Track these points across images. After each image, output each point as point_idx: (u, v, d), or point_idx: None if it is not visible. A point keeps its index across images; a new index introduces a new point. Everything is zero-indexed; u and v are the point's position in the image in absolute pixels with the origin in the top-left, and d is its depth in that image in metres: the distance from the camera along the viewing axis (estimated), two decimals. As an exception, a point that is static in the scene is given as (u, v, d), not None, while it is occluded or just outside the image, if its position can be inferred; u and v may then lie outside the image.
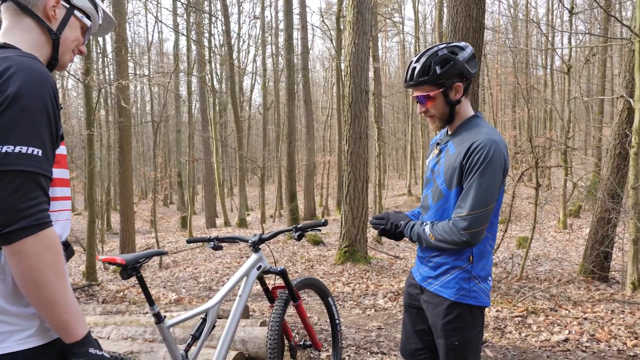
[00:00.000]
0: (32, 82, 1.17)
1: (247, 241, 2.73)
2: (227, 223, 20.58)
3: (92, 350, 1.25)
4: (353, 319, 5.06)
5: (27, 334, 1.21)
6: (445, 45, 1.99)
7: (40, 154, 1.16)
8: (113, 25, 1.60)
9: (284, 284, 2.84)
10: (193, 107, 24.07)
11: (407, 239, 2.14)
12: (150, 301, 2.23)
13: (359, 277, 7.45)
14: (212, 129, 20.14)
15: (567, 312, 4.72)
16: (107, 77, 17.96)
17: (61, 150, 1.33)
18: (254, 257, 2.70)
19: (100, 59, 18.64)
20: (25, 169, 1.13)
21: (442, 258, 2.03)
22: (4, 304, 1.18)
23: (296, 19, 18.30)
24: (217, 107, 23.15)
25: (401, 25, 30.19)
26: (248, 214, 23.37)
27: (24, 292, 1.16)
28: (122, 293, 6.47)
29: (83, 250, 10.16)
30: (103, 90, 11.95)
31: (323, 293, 3.22)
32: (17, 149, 1.13)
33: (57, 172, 1.30)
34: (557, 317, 4.54)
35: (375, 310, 5.39)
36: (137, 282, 2.28)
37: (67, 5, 1.38)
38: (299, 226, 2.70)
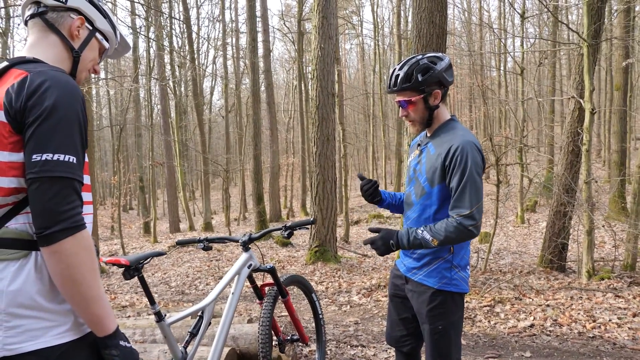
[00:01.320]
0: (66, 95, 1.26)
1: (237, 241, 2.83)
2: (191, 227, 20.33)
3: (122, 343, 1.34)
4: (330, 316, 5.22)
5: (63, 329, 1.29)
6: (425, 55, 2.18)
7: (74, 161, 1.25)
8: (127, 50, 1.71)
9: (271, 282, 2.96)
10: (153, 110, 23.64)
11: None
12: (152, 300, 2.30)
13: (330, 275, 7.62)
14: (174, 132, 19.87)
15: (531, 300, 5.04)
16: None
17: (85, 157, 1.42)
18: (244, 256, 2.80)
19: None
20: (63, 175, 1.22)
21: (425, 250, 2.20)
22: (42, 301, 1.26)
23: (258, 21, 18.33)
24: (178, 110, 22.85)
25: (360, 27, 30.66)
26: (212, 218, 23.15)
27: (61, 290, 1.25)
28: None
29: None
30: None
31: (307, 289, 3.35)
32: (56, 156, 1.22)
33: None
34: (522, 305, 4.84)
35: (351, 307, 5.57)
36: (133, 283, 2.33)
37: (90, 27, 1.48)
38: (288, 225, 2.83)
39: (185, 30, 19.82)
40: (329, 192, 8.72)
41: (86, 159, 1.43)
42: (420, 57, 2.18)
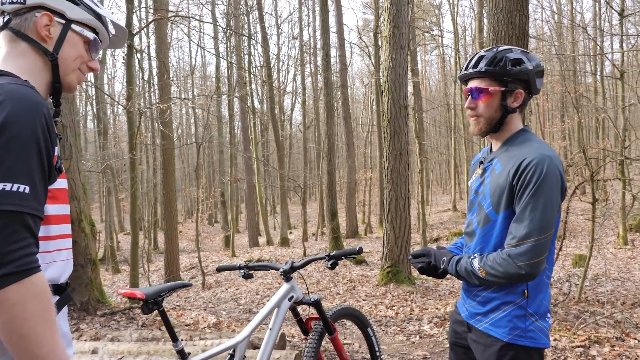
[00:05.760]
0: (21, 111, 1.06)
1: (278, 269, 2.58)
2: (269, 242, 20.58)
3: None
4: (396, 347, 4.78)
5: (15, 392, 1.08)
6: (517, 49, 1.80)
7: (27, 190, 1.04)
8: (126, 34, 1.49)
9: (317, 315, 2.65)
10: (235, 127, 24.49)
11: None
12: (174, 337, 2.10)
13: (402, 299, 7.13)
14: (253, 148, 20.34)
15: (636, 342, 4.26)
16: (152, 102, 18.53)
17: (60, 184, 1.21)
18: (285, 287, 2.54)
19: (147, 85, 19.30)
20: (9, 209, 1.01)
21: (491, 292, 1.79)
22: (-10, 358, 1.06)
23: (334, 37, 18.36)
24: (259, 127, 23.40)
25: (440, 38, 29.78)
26: (291, 232, 23.32)
27: (6, 345, 1.04)
28: (162, 317, 6.43)
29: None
30: (148, 114, 12.30)
31: (362, 323, 3.00)
32: (1, 186, 1.01)
33: (54, 208, 1.19)
34: (624, 347, 4.10)
35: (420, 337, 5.09)
36: (158, 313, 2.13)
37: (63, 21, 1.26)
38: (332, 254, 2.52)
39: (263, 51, 20.30)
40: (402, 210, 8.26)
41: (63, 185, 1.23)
42: (513, 47, 1.80)
